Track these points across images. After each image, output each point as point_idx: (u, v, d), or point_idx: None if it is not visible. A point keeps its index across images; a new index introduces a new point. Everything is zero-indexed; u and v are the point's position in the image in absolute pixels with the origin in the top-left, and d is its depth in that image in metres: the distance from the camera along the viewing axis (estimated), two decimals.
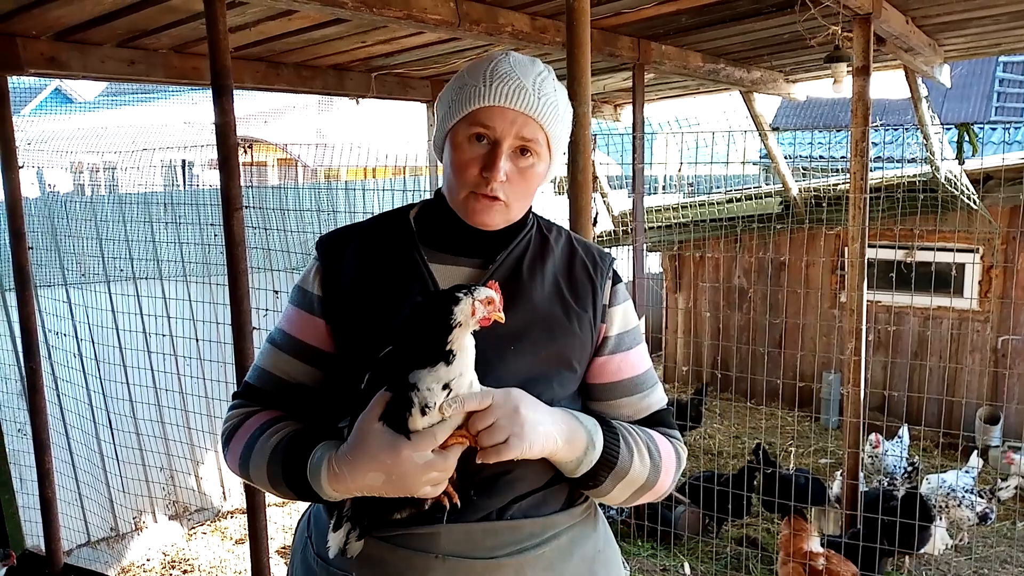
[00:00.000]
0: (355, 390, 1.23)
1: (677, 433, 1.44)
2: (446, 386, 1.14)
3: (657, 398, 1.44)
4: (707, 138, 5.31)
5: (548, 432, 1.20)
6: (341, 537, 1.24)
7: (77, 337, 5.30)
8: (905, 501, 4.37)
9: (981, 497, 5.08)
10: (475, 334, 1.20)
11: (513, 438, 1.16)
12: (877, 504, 4.27)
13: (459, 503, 1.21)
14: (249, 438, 1.32)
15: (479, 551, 1.25)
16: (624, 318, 1.42)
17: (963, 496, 5.06)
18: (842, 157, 10.59)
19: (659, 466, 1.35)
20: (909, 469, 5.43)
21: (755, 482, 5.24)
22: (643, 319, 5.73)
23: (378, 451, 1.13)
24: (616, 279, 1.43)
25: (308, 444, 1.24)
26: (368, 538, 1.25)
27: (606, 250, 1.48)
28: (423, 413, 1.13)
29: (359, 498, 1.21)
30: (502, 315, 1.19)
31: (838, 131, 11.93)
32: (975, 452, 5.56)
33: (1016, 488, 5.09)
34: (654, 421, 1.42)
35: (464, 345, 1.16)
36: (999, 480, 5.36)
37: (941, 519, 4.89)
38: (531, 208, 1.42)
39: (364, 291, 1.34)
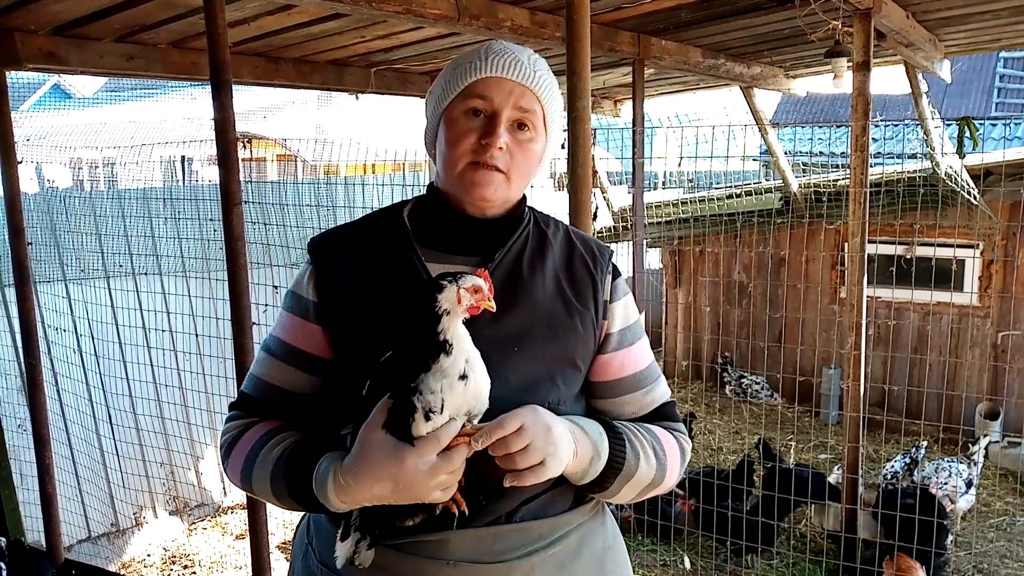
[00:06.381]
0: (356, 396, 1.20)
1: (681, 426, 1.43)
2: (463, 376, 1.12)
3: (660, 392, 1.42)
4: (707, 133, 5.29)
5: (570, 448, 1.20)
6: (349, 547, 1.21)
7: (77, 333, 5.29)
8: (922, 499, 4.37)
9: (961, 464, 5.34)
10: (478, 336, 1.18)
11: (549, 458, 1.15)
12: (894, 500, 4.27)
13: (467, 511, 1.18)
14: (249, 451, 1.28)
15: (489, 555, 1.24)
16: (625, 313, 1.40)
17: (948, 466, 5.29)
18: (842, 153, 10.59)
19: (664, 464, 1.34)
20: (907, 462, 5.45)
21: (754, 476, 5.25)
22: (643, 314, 5.72)
23: (383, 460, 1.11)
24: (616, 273, 1.40)
25: (311, 456, 1.21)
26: (377, 546, 1.23)
27: (605, 244, 1.45)
28: (427, 418, 1.10)
29: (368, 507, 1.18)
30: (492, 304, 1.17)
31: (838, 127, 11.91)
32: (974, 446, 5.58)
33: (986, 448, 5.60)
34: (658, 416, 1.41)
35: (458, 333, 1.14)
36: (970, 446, 5.57)
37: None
38: (526, 200, 1.40)
39: (361, 295, 1.30)
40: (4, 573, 3.97)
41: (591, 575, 1.33)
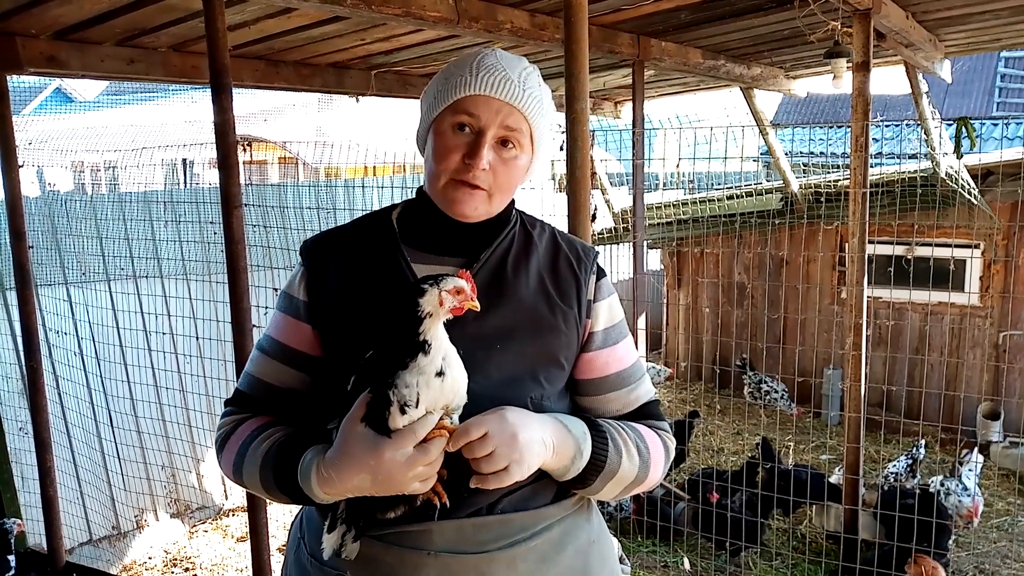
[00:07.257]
0: (342, 392, 1.24)
1: (665, 424, 1.46)
2: (439, 373, 1.15)
3: (644, 391, 1.45)
4: (707, 134, 5.30)
5: (541, 451, 1.22)
6: (336, 539, 1.24)
7: (78, 336, 5.30)
8: (921, 499, 4.35)
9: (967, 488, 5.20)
10: (462, 335, 1.21)
11: (513, 465, 1.18)
12: (894, 501, 4.25)
13: (448, 503, 1.21)
14: (241, 445, 1.33)
15: (471, 546, 1.26)
16: (610, 313, 1.42)
17: (969, 473, 5.20)
18: (842, 153, 10.58)
19: (648, 462, 1.37)
20: (910, 462, 5.44)
21: (757, 478, 5.25)
22: (644, 316, 5.73)
23: (361, 453, 1.15)
24: (600, 274, 1.43)
25: (298, 449, 1.25)
26: (362, 538, 1.26)
27: (590, 245, 1.48)
28: (402, 412, 1.14)
29: (353, 499, 1.22)
30: (476, 303, 1.20)
31: (838, 127, 11.91)
32: (975, 448, 5.56)
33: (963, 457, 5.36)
34: (642, 414, 1.43)
35: (438, 334, 1.17)
36: (957, 465, 5.45)
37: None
38: (514, 203, 1.42)
39: (349, 295, 1.34)
40: (12, 565, 3.98)
41: (574, 569, 1.35)
